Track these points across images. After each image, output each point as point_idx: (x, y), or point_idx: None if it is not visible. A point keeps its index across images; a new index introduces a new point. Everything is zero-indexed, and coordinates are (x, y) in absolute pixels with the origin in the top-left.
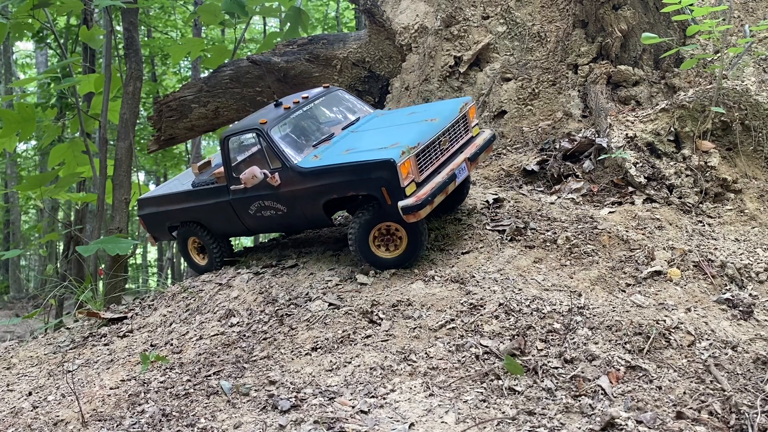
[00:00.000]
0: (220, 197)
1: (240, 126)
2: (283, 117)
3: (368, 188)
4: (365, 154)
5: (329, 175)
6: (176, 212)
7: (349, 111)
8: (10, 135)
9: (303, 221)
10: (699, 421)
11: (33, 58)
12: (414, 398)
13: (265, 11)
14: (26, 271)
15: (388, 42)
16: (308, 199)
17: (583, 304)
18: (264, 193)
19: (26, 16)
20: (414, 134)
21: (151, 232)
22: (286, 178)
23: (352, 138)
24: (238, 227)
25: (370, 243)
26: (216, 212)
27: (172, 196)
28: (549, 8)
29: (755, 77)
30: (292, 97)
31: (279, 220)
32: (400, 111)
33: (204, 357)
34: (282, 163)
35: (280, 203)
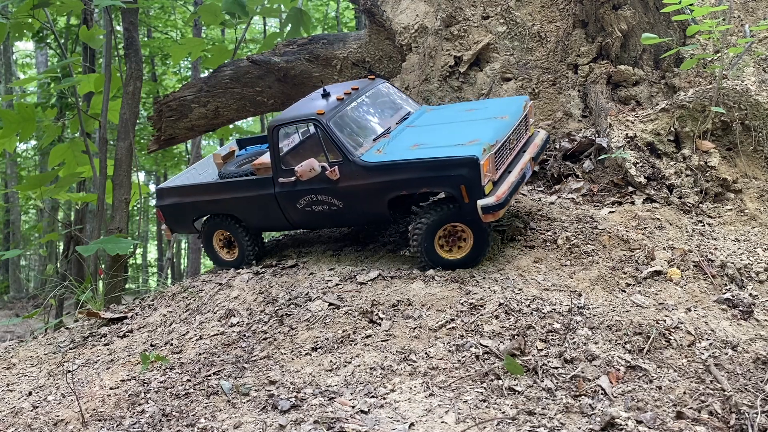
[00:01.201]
0: (263, 189)
1: (292, 115)
2: (339, 108)
3: (446, 185)
4: (442, 150)
5: (400, 170)
6: (205, 204)
7: (396, 104)
8: (10, 135)
9: (359, 218)
10: (699, 421)
11: (33, 58)
12: (414, 398)
13: (265, 11)
14: (26, 271)
15: (388, 42)
16: (371, 195)
17: (583, 304)
18: (318, 186)
19: (26, 16)
20: (491, 131)
21: (169, 225)
22: (347, 172)
23: (413, 133)
24: (279, 222)
25: (435, 243)
26: (255, 205)
27: (200, 187)
28: (549, 8)
29: (755, 77)
30: (341, 86)
31: (331, 216)
32: (454, 107)
33: (204, 357)
34: (343, 156)
35: (337, 198)
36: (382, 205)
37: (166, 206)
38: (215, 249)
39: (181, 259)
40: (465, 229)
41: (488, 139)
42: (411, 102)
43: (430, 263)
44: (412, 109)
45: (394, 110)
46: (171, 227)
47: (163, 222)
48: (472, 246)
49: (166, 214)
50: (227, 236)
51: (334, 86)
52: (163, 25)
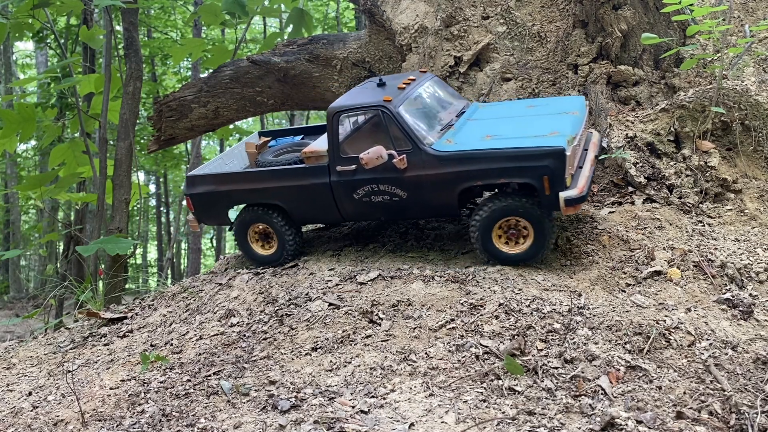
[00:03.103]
0: (316, 178)
1: (356, 102)
2: (404, 96)
3: (528, 176)
4: (523, 141)
5: (476, 160)
6: (244, 193)
7: (450, 97)
8: (10, 135)
9: (423, 209)
10: (699, 421)
11: (33, 58)
12: (414, 398)
13: (265, 11)
14: (26, 271)
15: (388, 42)
16: (442, 185)
17: (583, 304)
18: (382, 176)
19: (26, 16)
20: (568, 125)
21: (198, 214)
22: (416, 161)
23: (480, 125)
24: (330, 213)
25: (493, 236)
26: (305, 195)
27: (240, 175)
28: (549, 8)
29: (755, 77)
30: (395, 77)
31: (391, 207)
32: (511, 103)
33: (204, 357)
34: (413, 144)
35: (401, 188)
36: (451, 196)
37: (198, 195)
38: (249, 242)
39: (181, 259)
40: (526, 225)
41: (569, 131)
42: (461, 97)
43: (488, 257)
44: (464, 103)
45: (449, 103)
46: (200, 217)
47: (191, 211)
48: (532, 241)
49: (196, 203)
50: (264, 229)
51: (387, 77)
52: (163, 25)
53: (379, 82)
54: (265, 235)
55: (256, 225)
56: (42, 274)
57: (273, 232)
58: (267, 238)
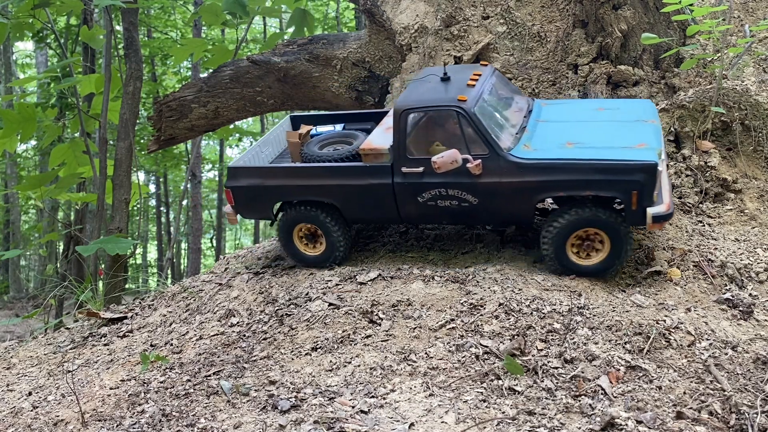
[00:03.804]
0: (376, 178)
1: (426, 100)
2: (477, 95)
3: (615, 190)
4: (612, 152)
5: (561, 170)
6: (295, 189)
7: (513, 94)
8: (10, 135)
9: (494, 217)
10: (699, 421)
11: (33, 58)
12: (414, 398)
13: (266, 11)
14: (26, 271)
15: (388, 42)
16: (519, 194)
17: (583, 304)
18: (452, 180)
19: (27, 16)
20: (653, 136)
21: (239, 208)
22: (492, 167)
23: (554, 129)
24: (387, 215)
25: (568, 247)
26: (363, 195)
27: (290, 170)
28: (549, 8)
29: (755, 77)
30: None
31: (459, 213)
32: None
33: (204, 357)
34: (490, 149)
35: (472, 194)
36: (529, 205)
37: (240, 188)
38: (294, 241)
39: (181, 259)
40: (602, 235)
41: (656, 144)
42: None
43: (561, 269)
44: (525, 99)
45: (513, 100)
46: (240, 211)
47: (231, 204)
48: (609, 253)
49: (237, 196)
50: (311, 228)
51: (450, 68)
52: (163, 25)
53: (443, 75)
54: (312, 235)
55: (301, 224)
56: (42, 274)
57: (321, 231)
58: (314, 238)
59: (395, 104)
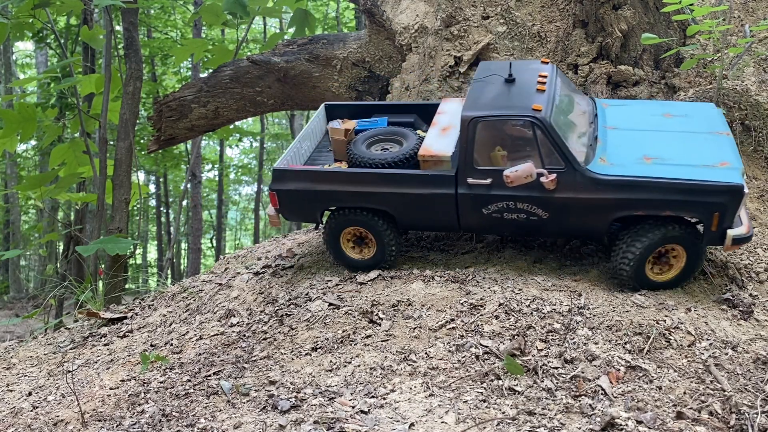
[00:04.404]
0: (438, 188)
1: (497, 108)
2: (550, 102)
3: (697, 211)
4: (695, 172)
5: (640, 189)
6: (347, 195)
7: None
8: (10, 135)
9: (563, 231)
10: (699, 421)
11: (33, 58)
12: (414, 398)
13: (266, 12)
14: (26, 271)
15: (388, 42)
16: (593, 210)
17: (583, 304)
18: (523, 194)
19: (27, 16)
20: (732, 153)
21: (284, 211)
22: (568, 182)
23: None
24: (445, 224)
25: (646, 264)
26: (421, 204)
27: (343, 176)
28: (549, 8)
29: (755, 77)
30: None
31: (525, 226)
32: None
33: (204, 357)
34: (567, 163)
35: (543, 209)
36: (603, 222)
37: (287, 191)
38: (341, 246)
39: (181, 259)
40: (678, 251)
41: (738, 163)
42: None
43: (636, 284)
44: (586, 100)
45: (577, 103)
46: (285, 214)
47: (275, 206)
48: (683, 268)
49: (283, 200)
50: (360, 232)
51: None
52: (163, 25)
53: (508, 77)
54: (360, 239)
55: (349, 229)
56: (42, 274)
57: (371, 236)
58: (362, 241)
59: (462, 111)
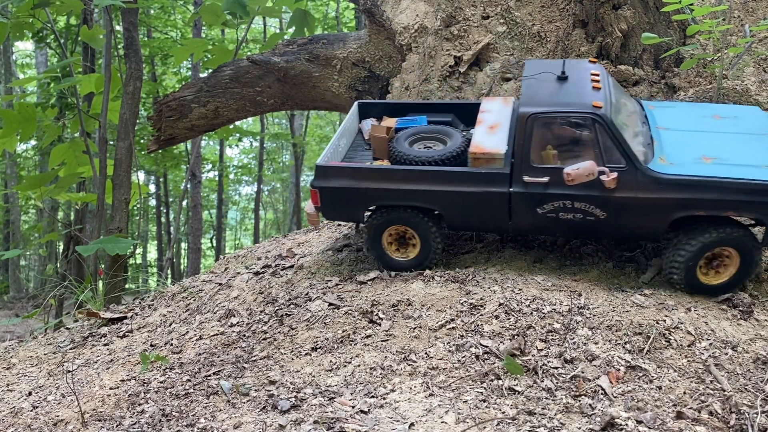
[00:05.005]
0: (490, 186)
1: (557, 104)
2: (609, 100)
3: (759, 212)
4: (757, 172)
5: (702, 189)
6: (393, 193)
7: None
8: (10, 135)
9: (620, 232)
10: (699, 421)
11: (33, 58)
12: (414, 398)
13: (266, 11)
14: (26, 271)
15: (388, 42)
16: (653, 210)
17: (583, 304)
18: (581, 193)
19: (27, 16)
20: None
21: (325, 209)
22: (629, 181)
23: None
24: (498, 224)
25: (697, 268)
26: (471, 202)
27: (389, 173)
28: (549, 8)
29: (755, 77)
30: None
31: (582, 226)
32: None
33: (204, 357)
34: (628, 162)
35: (602, 208)
36: (663, 223)
37: (330, 189)
38: (383, 247)
39: (181, 259)
40: (731, 254)
41: None
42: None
43: (688, 289)
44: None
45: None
46: (326, 212)
47: (315, 204)
48: (736, 270)
49: (326, 197)
50: (403, 232)
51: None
52: (163, 25)
53: (560, 75)
54: (402, 239)
55: (392, 228)
56: (42, 274)
57: (415, 236)
58: (404, 241)
59: (519, 107)
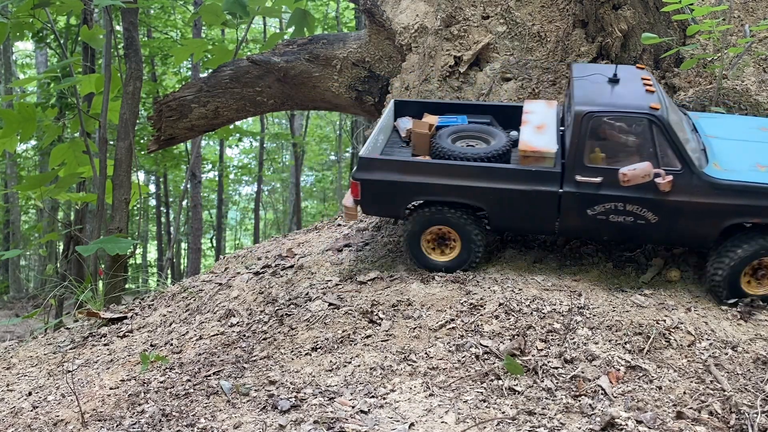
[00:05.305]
0: (540, 184)
1: (614, 104)
2: (665, 103)
3: None
4: None
5: (758, 195)
6: (438, 188)
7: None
8: (10, 135)
9: (670, 237)
10: (699, 421)
11: (33, 58)
12: (414, 398)
13: (266, 11)
14: (26, 271)
15: (388, 42)
16: (707, 216)
17: (583, 304)
18: (634, 195)
19: (27, 16)
20: None
21: (366, 203)
22: (683, 184)
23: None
24: (544, 225)
25: (742, 276)
26: (519, 201)
27: (435, 167)
28: (549, 8)
29: (755, 77)
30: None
31: (631, 230)
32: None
33: (204, 357)
34: (684, 165)
35: (654, 212)
36: (715, 229)
37: (373, 181)
38: (421, 246)
39: (181, 259)
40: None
41: None
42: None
43: (729, 295)
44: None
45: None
46: (366, 206)
47: (355, 197)
48: None
49: (366, 190)
50: (443, 232)
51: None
52: (163, 25)
53: (612, 77)
54: (441, 239)
55: (433, 228)
56: (42, 274)
57: (457, 235)
58: (443, 242)
59: (575, 106)
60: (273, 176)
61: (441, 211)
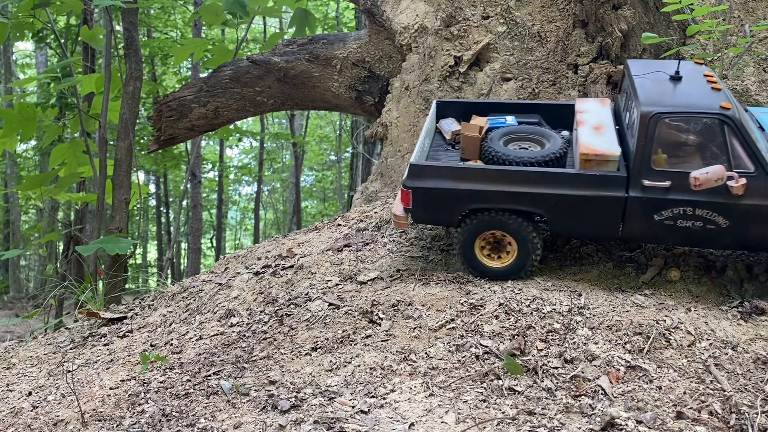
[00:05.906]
0: (605, 189)
1: (683, 105)
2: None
3: None
4: None
5: None
6: (494, 195)
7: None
8: (10, 135)
9: (741, 242)
10: (699, 421)
11: (33, 58)
12: (414, 398)
13: (266, 11)
14: (26, 271)
15: (388, 42)
16: None
17: (583, 304)
18: (705, 199)
19: (27, 16)
20: None
21: (417, 212)
22: (758, 187)
23: None
24: (607, 230)
25: None
26: (580, 206)
27: (492, 173)
28: (549, 8)
29: (755, 77)
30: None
31: (699, 235)
32: None
33: (204, 357)
34: (758, 167)
35: (725, 216)
36: None
37: (426, 189)
38: (475, 252)
39: (181, 259)
40: None
41: None
42: None
43: None
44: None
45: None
46: (417, 215)
47: (406, 205)
48: None
49: (419, 198)
50: (498, 237)
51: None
52: (163, 25)
53: (674, 75)
54: (496, 244)
55: (486, 233)
56: (42, 274)
57: (513, 241)
58: (497, 247)
59: (641, 107)
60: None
61: (498, 216)
